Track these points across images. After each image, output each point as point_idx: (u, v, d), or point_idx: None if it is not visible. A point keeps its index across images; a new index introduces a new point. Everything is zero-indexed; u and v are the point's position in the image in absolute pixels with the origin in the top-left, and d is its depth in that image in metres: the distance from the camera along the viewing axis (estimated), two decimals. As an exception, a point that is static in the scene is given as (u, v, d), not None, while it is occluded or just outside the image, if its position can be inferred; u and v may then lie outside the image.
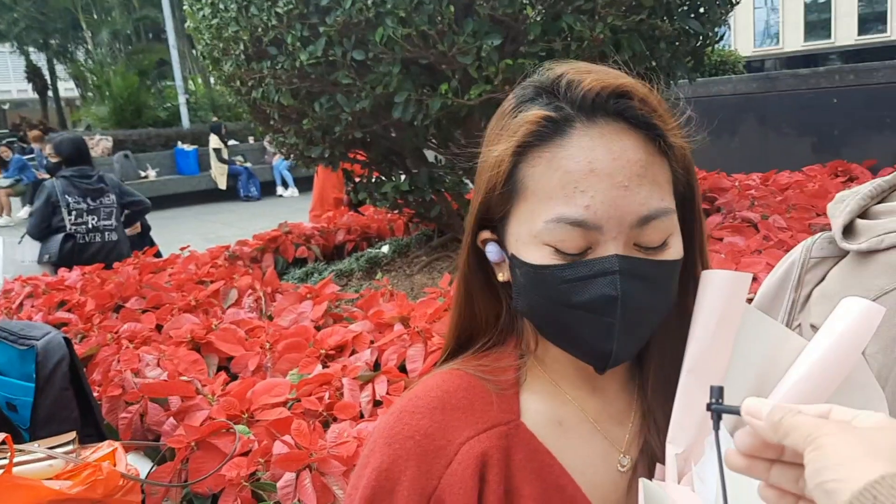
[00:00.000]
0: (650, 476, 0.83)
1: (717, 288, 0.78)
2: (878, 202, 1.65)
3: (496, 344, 0.89)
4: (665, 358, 0.85)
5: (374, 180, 3.99)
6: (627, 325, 0.75)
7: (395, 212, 4.27)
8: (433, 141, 3.73)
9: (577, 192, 0.74)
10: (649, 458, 0.84)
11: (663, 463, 0.82)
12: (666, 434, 0.82)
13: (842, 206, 1.68)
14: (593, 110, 0.75)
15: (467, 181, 3.82)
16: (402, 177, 3.90)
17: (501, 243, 0.83)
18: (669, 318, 0.82)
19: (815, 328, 1.63)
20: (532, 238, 0.77)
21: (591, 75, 0.77)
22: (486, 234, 0.85)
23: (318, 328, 2.82)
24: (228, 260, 4.27)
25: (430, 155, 4.00)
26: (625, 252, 0.75)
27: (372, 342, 2.56)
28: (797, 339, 0.78)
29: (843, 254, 1.67)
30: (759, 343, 0.77)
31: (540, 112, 0.76)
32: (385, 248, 4.38)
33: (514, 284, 0.82)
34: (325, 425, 2.15)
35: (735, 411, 0.60)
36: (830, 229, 3.65)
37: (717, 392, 0.65)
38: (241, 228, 9.46)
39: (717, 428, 0.64)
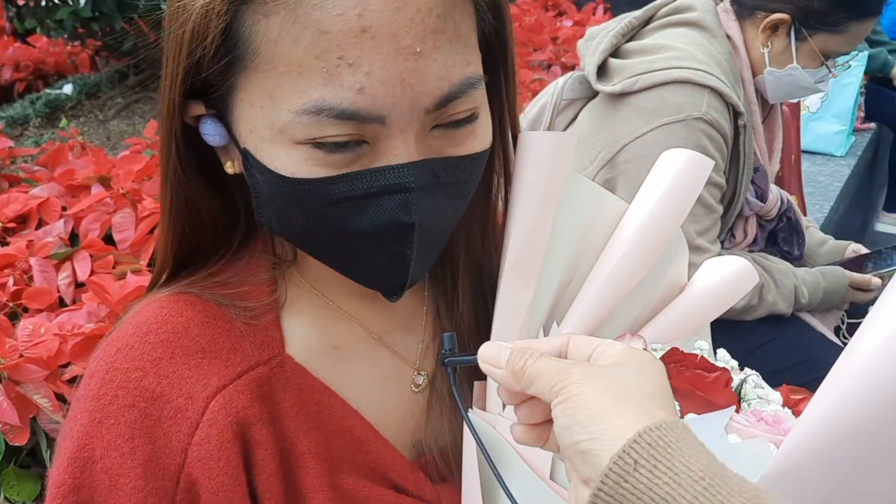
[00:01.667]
0: (449, 390, 0.69)
1: (539, 154, 0.62)
2: (629, 40, 1.61)
3: (237, 250, 0.65)
4: (459, 239, 0.69)
5: (44, 4, 3.24)
6: (424, 248, 0.55)
7: (77, 43, 3.56)
8: (117, -45, 3.07)
9: (344, 65, 0.49)
10: (448, 388, 0.69)
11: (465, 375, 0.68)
12: (467, 335, 0.68)
13: (593, 44, 1.61)
14: None
15: (166, 5, 3.25)
16: (81, 0, 3.20)
17: (225, 121, 0.56)
18: None
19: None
20: (276, 133, 0.52)
21: None
22: (198, 109, 0.57)
23: (-12, 194, 2.27)
24: None
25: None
26: (419, 148, 0.53)
27: (64, 209, 2.12)
28: (614, 200, 0.67)
29: (593, 94, 1.62)
30: (578, 211, 0.65)
31: None
32: (67, 89, 3.67)
33: (252, 190, 0.57)
34: (13, 318, 1.76)
35: (470, 361, 0.51)
36: (549, 65, 3.64)
37: (450, 340, 0.54)
38: None
39: (454, 383, 0.53)
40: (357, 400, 0.64)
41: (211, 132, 0.57)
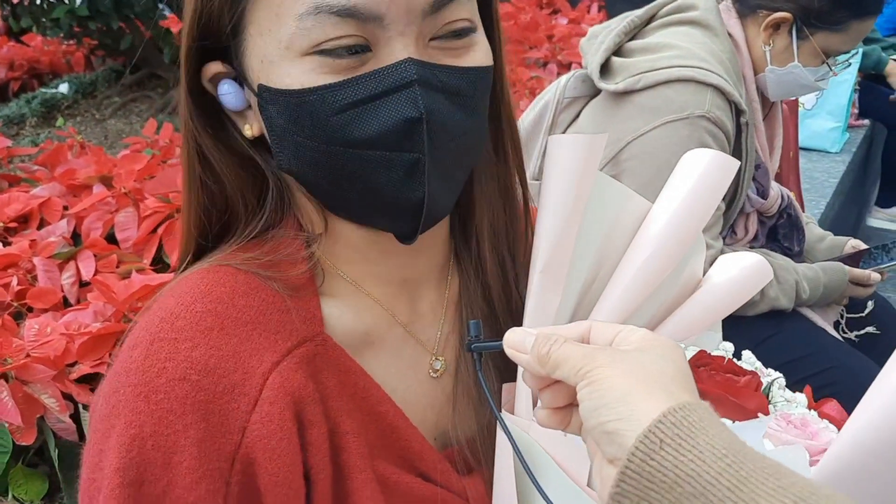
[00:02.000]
0: (470, 375, 0.70)
1: (569, 158, 0.62)
2: (631, 38, 1.62)
3: (268, 227, 0.65)
4: (483, 222, 0.70)
5: (39, 2, 3.23)
6: (439, 159, 0.56)
7: (72, 42, 3.55)
8: (114, -46, 3.06)
9: None
10: (474, 375, 0.69)
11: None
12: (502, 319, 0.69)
13: (596, 42, 1.62)
14: None
15: (162, 4, 3.24)
16: (78, -1, 3.19)
17: (241, 78, 0.59)
18: (480, 175, 0.67)
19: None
20: (284, 51, 0.55)
21: None
22: (215, 67, 0.59)
23: (-13, 194, 2.27)
24: None
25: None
26: (418, 53, 0.55)
27: (66, 209, 2.11)
28: (639, 200, 0.68)
29: (596, 92, 1.63)
30: (604, 212, 0.65)
31: None
32: (63, 88, 3.67)
33: (270, 132, 0.59)
34: (17, 318, 1.76)
35: (496, 347, 0.52)
36: (545, 62, 3.65)
37: (476, 327, 0.55)
38: None
39: (479, 369, 0.55)
40: (383, 387, 0.64)
41: (228, 91, 0.60)
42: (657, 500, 0.40)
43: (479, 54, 0.59)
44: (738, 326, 1.54)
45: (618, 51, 1.54)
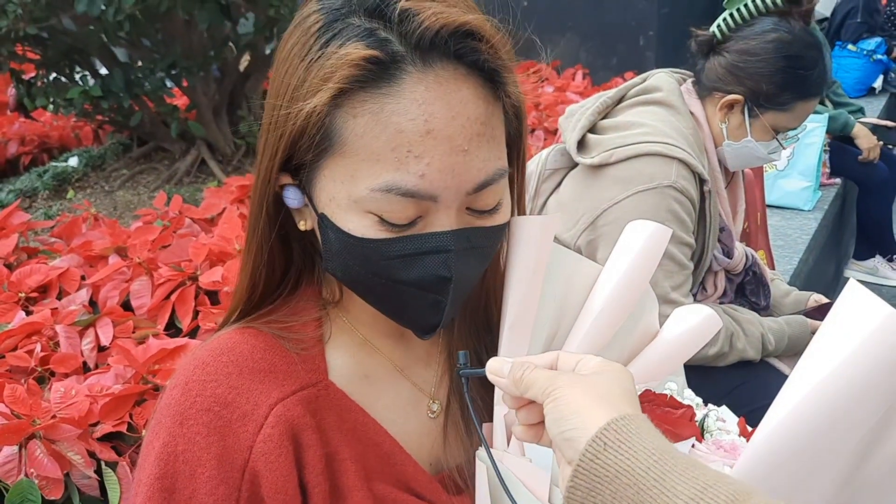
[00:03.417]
0: (463, 417, 0.83)
1: (529, 235, 0.77)
2: (604, 117, 1.79)
3: (291, 293, 0.80)
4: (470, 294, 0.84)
5: (52, 82, 3.42)
6: (456, 298, 0.71)
7: (84, 119, 3.73)
8: (125, 38, 3.27)
9: (411, 157, 0.64)
10: (460, 399, 0.83)
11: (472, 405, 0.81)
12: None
13: (572, 120, 1.80)
14: (430, 51, 0.64)
15: (170, 82, 3.44)
16: (90, 79, 3.39)
17: (304, 189, 0.72)
18: None
19: (552, 236, 1.77)
20: (352, 203, 0.67)
21: (432, 6, 0.64)
22: (285, 179, 0.73)
23: (8, 266, 2.40)
24: None
25: (121, 53, 3.51)
26: (458, 221, 0.69)
27: (83, 279, 2.24)
28: (588, 264, 0.81)
29: (574, 164, 1.80)
30: (559, 276, 0.78)
31: (362, 52, 0.63)
32: (73, 161, 3.83)
33: (324, 245, 0.73)
34: (40, 382, 1.87)
35: (481, 373, 0.65)
36: (533, 129, 3.85)
37: (464, 356, 0.69)
38: None
39: (467, 391, 0.68)
40: (383, 421, 0.78)
41: (292, 196, 0.73)
42: (600, 490, 0.52)
43: (502, 216, 0.73)
44: (710, 376, 1.68)
45: (592, 128, 1.71)
